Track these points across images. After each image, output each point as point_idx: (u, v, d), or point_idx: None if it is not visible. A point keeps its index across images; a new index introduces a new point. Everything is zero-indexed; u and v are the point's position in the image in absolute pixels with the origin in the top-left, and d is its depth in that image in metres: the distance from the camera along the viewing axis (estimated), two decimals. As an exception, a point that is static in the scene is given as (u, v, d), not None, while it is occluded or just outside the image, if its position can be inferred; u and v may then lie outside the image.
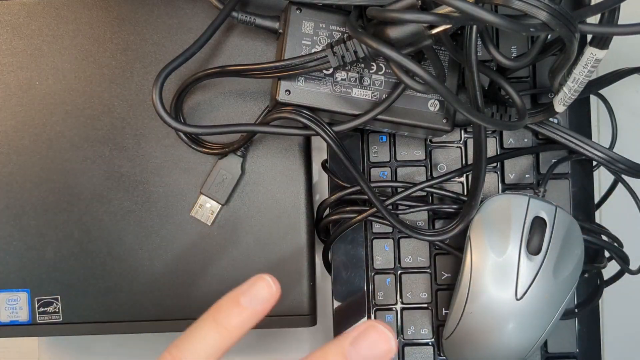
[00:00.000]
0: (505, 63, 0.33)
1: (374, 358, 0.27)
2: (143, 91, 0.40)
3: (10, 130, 0.41)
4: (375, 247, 0.42)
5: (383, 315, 0.42)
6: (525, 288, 0.36)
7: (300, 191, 0.41)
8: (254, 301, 0.29)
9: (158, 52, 0.40)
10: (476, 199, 0.37)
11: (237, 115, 0.40)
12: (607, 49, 0.32)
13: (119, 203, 0.41)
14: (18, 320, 0.41)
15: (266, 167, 0.41)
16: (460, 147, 0.41)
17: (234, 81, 0.40)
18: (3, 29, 0.40)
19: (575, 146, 0.39)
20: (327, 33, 0.36)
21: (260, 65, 0.35)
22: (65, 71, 0.40)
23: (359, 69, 0.36)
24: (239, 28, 0.40)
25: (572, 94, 0.34)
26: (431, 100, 0.37)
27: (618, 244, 0.40)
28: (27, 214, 0.41)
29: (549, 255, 0.36)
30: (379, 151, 0.41)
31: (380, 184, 0.41)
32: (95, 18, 0.40)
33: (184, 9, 0.40)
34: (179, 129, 0.36)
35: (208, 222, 0.41)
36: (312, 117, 0.36)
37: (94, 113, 0.40)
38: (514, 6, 0.26)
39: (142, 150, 0.41)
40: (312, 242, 0.42)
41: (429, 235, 0.39)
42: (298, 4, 0.35)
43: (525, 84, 0.41)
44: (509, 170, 0.41)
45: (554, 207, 0.37)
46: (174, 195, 0.41)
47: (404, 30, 0.31)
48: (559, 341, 0.41)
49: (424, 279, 0.42)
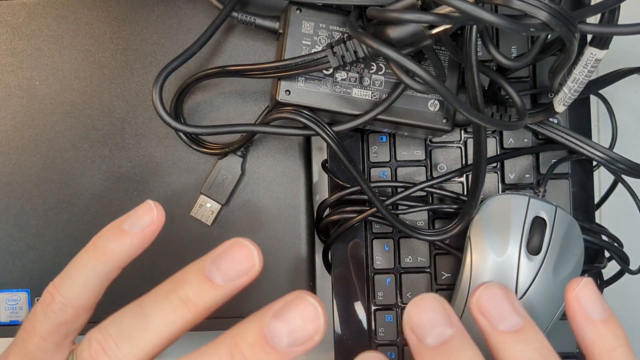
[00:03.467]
0: (505, 63, 0.33)
1: (237, 274, 0.25)
2: (143, 91, 0.40)
3: (10, 130, 0.41)
4: (375, 247, 0.42)
5: (383, 315, 0.42)
6: (525, 288, 0.36)
7: (300, 191, 0.41)
8: (136, 225, 0.28)
9: (158, 52, 0.40)
10: (476, 199, 0.37)
11: (237, 115, 0.40)
12: (607, 49, 0.32)
13: (119, 203, 0.41)
14: (18, 320, 0.41)
15: (266, 167, 0.41)
16: (460, 147, 0.41)
17: (234, 81, 0.40)
18: (3, 29, 0.40)
19: (575, 146, 0.39)
20: (327, 33, 0.36)
21: (260, 65, 0.35)
22: (65, 71, 0.40)
23: (359, 69, 0.36)
24: (239, 28, 0.40)
25: (572, 94, 0.34)
26: (431, 100, 0.37)
27: (618, 244, 0.40)
28: (27, 214, 0.41)
29: (549, 255, 0.36)
30: (379, 151, 0.41)
31: (380, 184, 0.41)
32: (95, 18, 0.40)
33: (184, 9, 0.40)
34: (179, 129, 0.36)
35: (208, 222, 0.41)
36: (312, 117, 0.36)
37: (94, 113, 0.40)
38: (514, 6, 0.26)
39: (142, 150, 0.41)
40: (312, 242, 0.42)
41: (429, 235, 0.39)
42: (298, 4, 0.35)
43: (525, 84, 0.41)
44: (509, 170, 0.41)
45: (554, 207, 0.37)
46: (174, 195, 0.41)
47: (404, 30, 0.31)
48: (559, 341, 0.41)
49: (424, 279, 0.42)
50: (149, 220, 0.29)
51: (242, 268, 0.26)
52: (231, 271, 0.25)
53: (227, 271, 0.25)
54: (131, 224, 0.28)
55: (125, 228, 0.28)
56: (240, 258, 0.26)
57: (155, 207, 0.29)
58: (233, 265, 0.26)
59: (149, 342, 0.25)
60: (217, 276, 0.25)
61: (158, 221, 0.29)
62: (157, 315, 0.26)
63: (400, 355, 0.42)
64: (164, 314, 0.26)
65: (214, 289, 0.25)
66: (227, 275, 0.25)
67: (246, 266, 0.26)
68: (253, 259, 0.25)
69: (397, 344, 0.42)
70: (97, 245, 0.29)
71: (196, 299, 0.25)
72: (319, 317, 0.24)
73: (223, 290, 0.26)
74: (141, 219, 0.29)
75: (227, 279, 0.25)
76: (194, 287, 0.25)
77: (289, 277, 0.41)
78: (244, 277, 0.26)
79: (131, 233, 0.28)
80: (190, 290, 0.25)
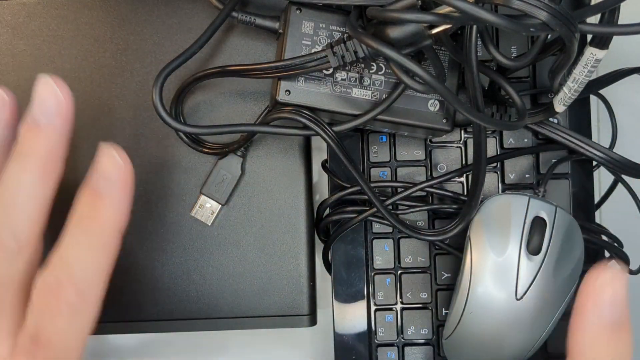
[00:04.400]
0: (505, 63, 0.33)
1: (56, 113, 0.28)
2: (143, 91, 0.40)
3: (10, 130, 0.41)
4: (375, 247, 0.42)
5: (383, 315, 0.42)
6: (525, 288, 0.36)
7: (300, 191, 0.41)
8: (47, 116, 0.28)
9: (158, 52, 0.40)
10: (476, 199, 0.37)
11: (237, 115, 0.40)
12: (607, 49, 0.32)
13: (119, 203, 0.41)
14: (18, 320, 0.41)
15: (266, 167, 0.41)
16: (460, 147, 0.41)
17: (234, 81, 0.40)
18: (3, 29, 0.40)
19: (575, 146, 0.39)
20: (327, 33, 0.36)
21: (260, 65, 0.35)
22: (65, 71, 0.40)
23: (359, 69, 0.36)
24: (239, 28, 0.40)
25: (572, 94, 0.34)
26: (431, 100, 0.37)
27: (618, 244, 0.40)
28: (27, 214, 0.41)
29: (549, 255, 0.36)
30: (379, 151, 0.41)
31: (380, 184, 0.41)
32: (95, 18, 0.40)
33: (184, 9, 0.40)
34: (179, 129, 0.36)
35: (208, 222, 0.41)
36: (312, 117, 0.36)
37: (94, 113, 0.40)
38: (514, 6, 0.26)
39: (142, 150, 0.41)
40: (312, 242, 0.42)
41: (429, 235, 0.39)
42: (298, 4, 0.35)
43: (525, 84, 0.41)
44: (509, 170, 0.41)
45: (554, 207, 0.37)
46: (174, 195, 0.41)
47: (404, 30, 0.31)
48: (559, 341, 0.41)
49: (424, 279, 0.42)
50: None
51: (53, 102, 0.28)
52: (48, 110, 0.27)
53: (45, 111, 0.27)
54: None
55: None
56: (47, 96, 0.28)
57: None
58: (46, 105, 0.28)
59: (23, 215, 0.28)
60: (41, 118, 0.27)
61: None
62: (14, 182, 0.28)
63: (401, 355, 0.42)
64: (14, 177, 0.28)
65: (41, 132, 0.28)
66: (47, 114, 0.27)
67: (55, 100, 0.28)
68: (57, 94, 0.28)
69: (397, 344, 0.42)
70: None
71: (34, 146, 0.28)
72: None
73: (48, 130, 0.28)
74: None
75: (48, 117, 0.27)
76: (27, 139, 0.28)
77: (289, 277, 0.41)
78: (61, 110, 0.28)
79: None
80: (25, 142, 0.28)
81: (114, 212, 0.29)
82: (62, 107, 0.28)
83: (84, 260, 0.29)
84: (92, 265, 0.29)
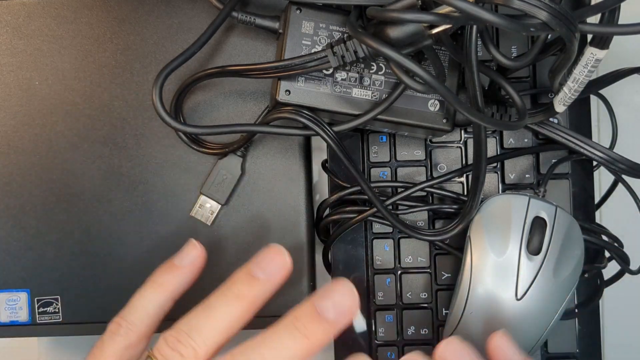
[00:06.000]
0: (505, 63, 0.33)
1: (274, 270, 0.32)
2: (143, 91, 0.40)
3: (10, 130, 0.41)
4: (375, 247, 0.42)
5: (383, 315, 0.42)
6: (525, 288, 0.36)
7: (300, 191, 0.41)
8: (184, 260, 0.35)
9: (158, 52, 0.40)
10: (476, 199, 0.37)
11: (237, 115, 0.40)
12: (607, 49, 0.32)
13: (119, 203, 0.41)
14: (18, 320, 0.41)
15: (266, 167, 0.41)
16: (460, 147, 0.41)
17: (234, 81, 0.40)
18: (3, 29, 0.40)
19: (575, 146, 0.39)
20: (327, 33, 0.36)
21: (260, 65, 0.35)
22: (65, 71, 0.40)
23: (359, 69, 0.36)
24: (239, 28, 0.40)
25: (572, 94, 0.34)
26: (431, 100, 0.37)
27: (618, 244, 0.40)
28: (27, 214, 0.41)
29: (549, 256, 0.36)
30: (379, 151, 0.41)
31: (380, 184, 0.41)
32: (95, 18, 0.40)
33: (184, 9, 0.40)
34: (179, 129, 0.36)
35: (208, 222, 0.41)
36: (312, 117, 0.36)
37: (94, 113, 0.40)
38: (514, 6, 0.26)
39: (142, 150, 0.41)
40: (312, 242, 0.42)
41: (429, 235, 0.39)
42: (298, 4, 0.35)
43: (525, 84, 0.41)
44: (509, 170, 0.41)
45: (554, 207, 0.37)
46: (174, 195, 0.41)
47: (404, 30, 0.31)
48: (559, 341, 0.41)
49: (424, 279, 0.42)
50: (195, 255, 0.35)
51: (277, 264, 0.32)
52: (269, 267, 0.32)
53: (267, 268, 0.32)
54: (180, 259, 0.35)
55: (176, 263, 0.35)
56: (274, 256, 0.32)
57: (198, 245, 0.36)
58: (270, 263, 0.32)
59: (215, 331, 0.31)
60: (260, 273, 0.32)
61: (202, 255, 0.35)
62: (217, 309, 0.32)
63: (400, 355, 0.42)
64: (223, 307, 0.32)
65: (259, 284, 0.32)
66: (267, 271, 0.32)
67: (280, 262, 0.32)
68: (284, 256, 0.32)
69: (397, 344, 0.42)
70: (155, 279, 0.35)
71: (247, 292, 0.32)
72: (354, 295, 0.30)
73: (265, 284, 0.32)
74: (189, 254, 0.35)
75: (267, 274, 0.32)
76: (244, 284, 0.32)
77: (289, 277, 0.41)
78: (280, 271, 0.32)
79: (181, 266, 0.35)
80: (241, 286, 0.32)
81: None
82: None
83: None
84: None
